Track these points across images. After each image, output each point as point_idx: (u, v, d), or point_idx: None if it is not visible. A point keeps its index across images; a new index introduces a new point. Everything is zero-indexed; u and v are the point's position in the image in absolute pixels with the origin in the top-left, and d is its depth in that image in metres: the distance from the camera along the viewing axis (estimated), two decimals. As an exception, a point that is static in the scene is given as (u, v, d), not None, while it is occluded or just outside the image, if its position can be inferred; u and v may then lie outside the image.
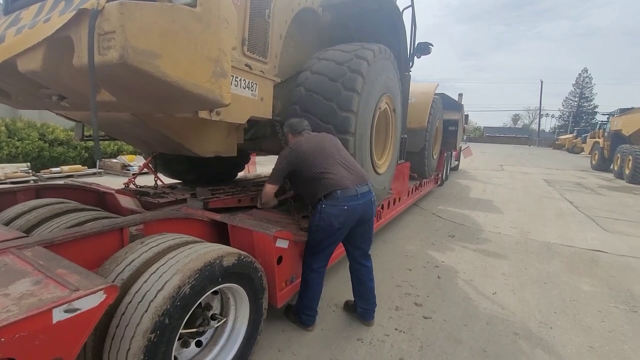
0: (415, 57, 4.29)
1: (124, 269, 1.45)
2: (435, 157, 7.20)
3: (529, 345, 2.26)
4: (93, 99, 1.33)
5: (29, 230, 1.87)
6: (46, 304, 0.96)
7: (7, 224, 1.96)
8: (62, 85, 1.69)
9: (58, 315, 0.97)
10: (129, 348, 1.22)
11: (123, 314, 1.29)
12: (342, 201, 2.12)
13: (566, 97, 54.31)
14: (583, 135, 24.55)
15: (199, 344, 1.71)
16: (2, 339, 0.87)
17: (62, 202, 2.26)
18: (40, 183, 3.60)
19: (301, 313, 2.28)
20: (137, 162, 8.45)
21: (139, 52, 1.26)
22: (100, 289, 1.06)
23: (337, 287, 2.92)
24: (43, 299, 0.99)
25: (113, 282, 1.38)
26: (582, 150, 23.41)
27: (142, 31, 1.26)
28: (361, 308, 2.41)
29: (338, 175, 2.17)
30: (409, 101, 4.41)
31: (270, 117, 2.52)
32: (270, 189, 2.38)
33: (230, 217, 2.23)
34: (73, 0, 1.46)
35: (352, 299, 2.51)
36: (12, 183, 6.08)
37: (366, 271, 2.38)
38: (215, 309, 1.78)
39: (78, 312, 1.02)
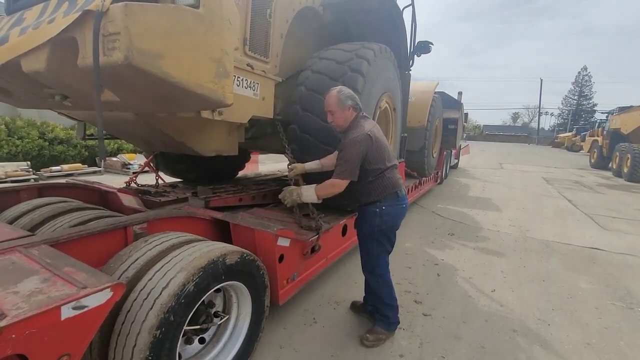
0: (416, 55, 4.31)
1: (128, 267, 1.47)
2: (434, 155, 7.22)
3: (526, 341, 2.29)
4: (98, 100, 1.35)
5: (33, 229, 1.89)
6: (55, 301, 0.98)
7: (11, 222, 1.98)
8: (66, 85, 1.70)
9: (66, 312, 0.99)
10: (135, 344, 1.24)
11: (129, 311, 1.32)
12: (401, 200, 2.11)
13: (566, 96, 54.49)
14: (582, 134, 24.63)
15: (202, 340, 1.73)
16: (13, 336, 0.89)
17: (65, 201, 2.27)
18: (41, 182, 3.62)
19: (395, 317, 2.24)
20: (137, 160, 8.46)
21: (143, 53, 1.28)
22: (107, 287, 1.08)
23: (337, 285, 2.95)
24: (52, 296, 1.01)
25: (118, 279, 1.40)
26: (581, 148, 23.50)
27: (146, 32, 1.28)
28: (372, 306, 2.37)
29: (396, 173, 2.12)
30: (409, 100, 4.43)
31: (272, 117, 2.53)
32: (342, 184, 1.99)
33: (232, 216, 2.25)
34: (77, 1, 1.47)
35: (357, 299, 2.53)
36: (12, 182, 6.09)
37: None
38: (218, 306, 1.81)
39: (86, 309, 1.04)
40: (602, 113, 18.73)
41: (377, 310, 2.25)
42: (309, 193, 2.08)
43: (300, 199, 2.09)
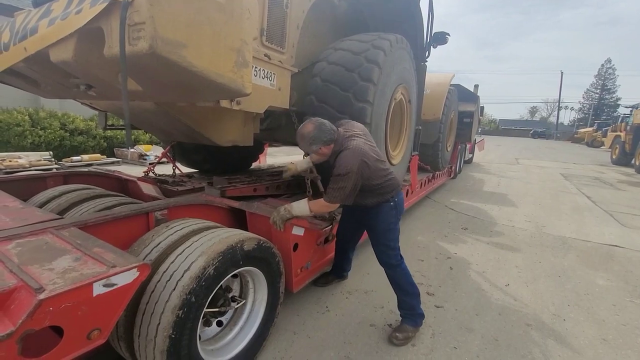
0: (432, 47, 4.23)
1: (151, 250, 1.53)
2: (449, 149, 7.12)
3: (540, 335, 2.28)
4: (124, 89, 1.39)
5: (60, 214, 1.97)
6: (87, 278, 1.04)
7: (40, 207, 2.08)
8: (91, 74, 1.76)
9: (98, 289, 1.05)
10: (159, 323, 1.30)
11: (152, 291, 1.38)
12: (402, 188, 2.31)
13: (587, 89, 52.38)
14: (604, 129, 23.72)
15: (219, 323, 1.80)
16: (51, 308, 0.95)
17: (89, 188, 2.36)
18: (63, 170, 3.76)
19: (419, 307, 2.23)
20: (153, 151, 8.64)
21: (167, 43, 1.30)
22: (134, 267, 1.14)
23: (350, 275, 2.97)
24: (84, 273, 1.06)
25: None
26: (602, 144, 22.65)
27: (170, 22, 1.31)
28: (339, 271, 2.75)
29: (393, 172, 2.22)
30: (424, 92, 4.37)
31: (287, 107, 2.55)
32: (335, 207, 2.01)
33: (248, 205, 2.30)
34: (102, -8, 1.51)
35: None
36: (36, 170, 6.33)
37: None
38: (235, 291, 1.86)
39: (115, 287, 1.09)
40: (625, 107, 18.01)
41: (402, 305, 2.22)
42: (301, 207, 2.02)
43: (291, 214, 2.01)
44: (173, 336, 1.31)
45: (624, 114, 17.09)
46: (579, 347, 2.18)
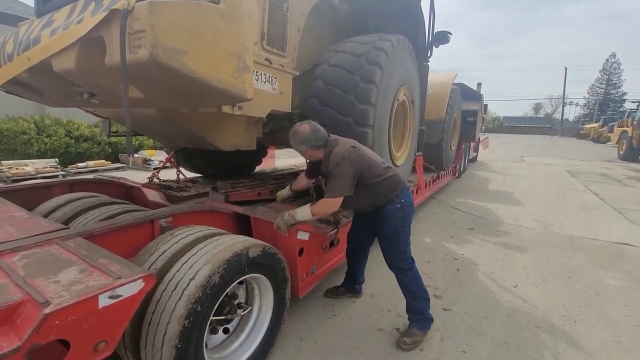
0: (434, 46, 4.20)
1: (157, 259, 1.52)
2: (453, 148, 7.07)
3: (551, 338, 2.24)
4: (125, 96, 1.39)
5: (66, 222, 1.98)
6: (93, 290, 1.03)
7: (46, 216, 2.08)
8: (93, 83, 1.76)
9: (103, 301, 1.05)
10: (165, 332, 1.29)
11: (158, 301, 1.37)
12: (409, 188, 2.23)
13: (592, 84, 51.73)
14: (610, 124, 23.45)
15: (226, 331, 1.78)
16: (57, 322, 0.95)
17: (95, 196, 2.37)
18: (70, 178, 3.78)
19: (428, 311, 2.18)
20: (157, 156, 8.68)
21: (168, 50, 1.30)
22: (140, 277, 1.13)
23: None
24: (89, 285, 1.06)
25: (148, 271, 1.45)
26: (609, 139, 22.40)
27: (170, 29, 1.30)
28: (351, 285, 2.64)
29: (394, 169, 2.20)
30: (427, 92, 4.33)
31: (290, 111, 2.54)
32: (336, 202, 1.97)
33: (252, 210, 2.29)
34: (103, 1, 1.51)
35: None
36: (42, 178, 6.38)
37: None
38: (241, 298, 1.85)
39: (120, 298, 1.09)
40: (632, 102, 17.81)
41: (410, 308, 2.18)
42: (304, 212, 2.02)
43: (295, 219, 2.01)
44: (179, 346, 1.30)
45: (631, 109, 16.89)
46: (591, 350, 2.13)
